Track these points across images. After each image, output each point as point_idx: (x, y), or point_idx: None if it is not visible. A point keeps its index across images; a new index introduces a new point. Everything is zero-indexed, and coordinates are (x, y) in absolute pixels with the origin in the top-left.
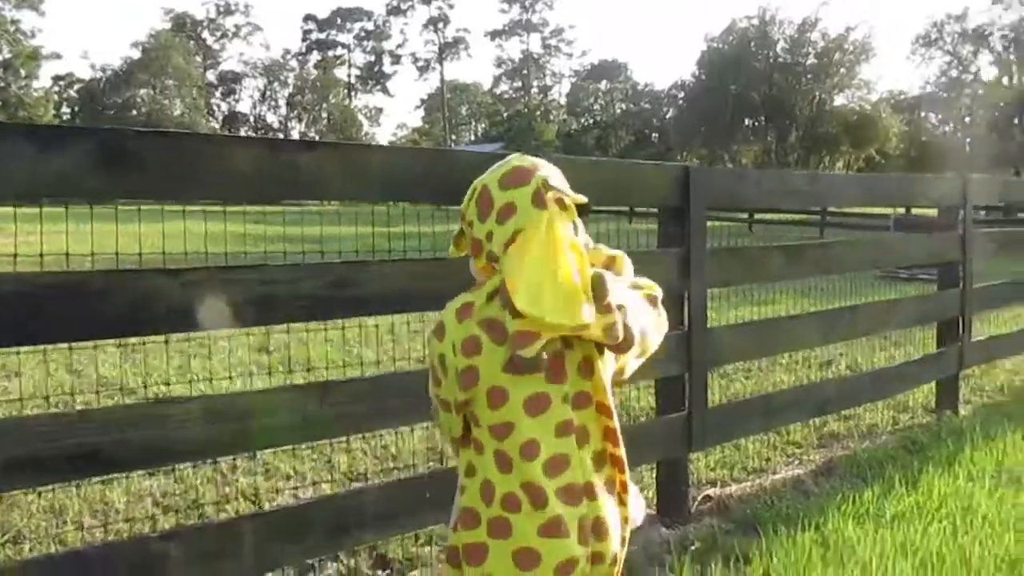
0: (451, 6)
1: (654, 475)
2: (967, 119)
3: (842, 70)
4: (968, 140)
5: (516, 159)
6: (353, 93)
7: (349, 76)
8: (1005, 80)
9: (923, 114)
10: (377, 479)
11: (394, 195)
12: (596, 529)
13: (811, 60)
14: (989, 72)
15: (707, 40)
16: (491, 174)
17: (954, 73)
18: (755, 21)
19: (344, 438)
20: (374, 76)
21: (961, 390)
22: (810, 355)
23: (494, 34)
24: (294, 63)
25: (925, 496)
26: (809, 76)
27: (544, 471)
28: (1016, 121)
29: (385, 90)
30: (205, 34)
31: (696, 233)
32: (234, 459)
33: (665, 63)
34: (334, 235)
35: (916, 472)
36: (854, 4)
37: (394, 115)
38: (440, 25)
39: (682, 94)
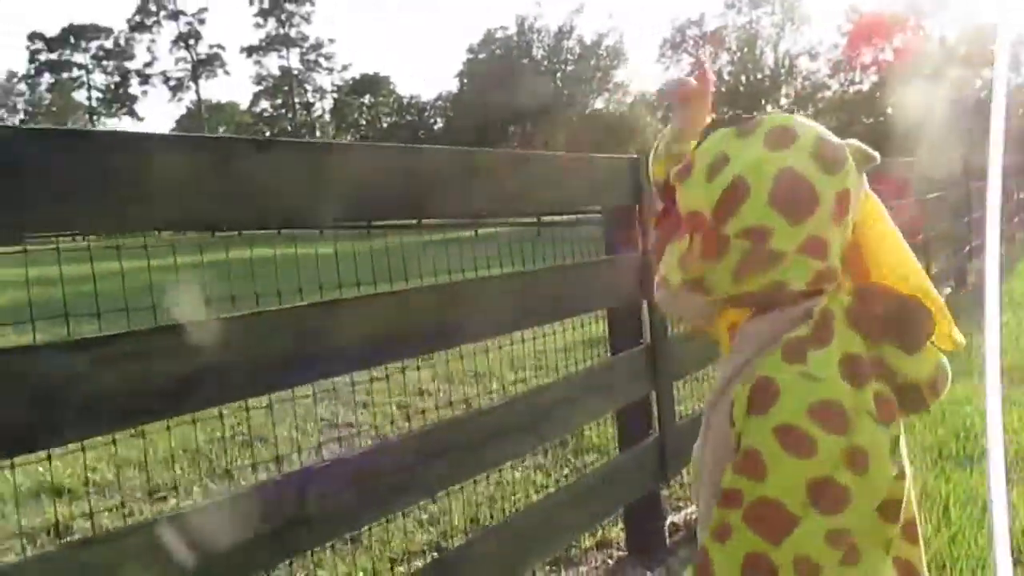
0: (202, 21)
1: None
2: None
3: (598, 75)
4: None
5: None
6: (96, 118)
7: (90, 99)
8: (743, 78)
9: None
10: None
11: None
12: None
13: (570, 67)
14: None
15: (468, 51)
16: (777, 149)
17: None
18: (512, 31)
19: None
20: (119, 99)
21: None
22: None
23: (251, 50)
24: (23, 87)
25: None
26: (569, 82)
27: None
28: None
29: (133, 113)
30: None
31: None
32: None
33: (428, 75)
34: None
35: None
36: (604, 11)
37: None
38: (192, 42)
39: (449, 104)
